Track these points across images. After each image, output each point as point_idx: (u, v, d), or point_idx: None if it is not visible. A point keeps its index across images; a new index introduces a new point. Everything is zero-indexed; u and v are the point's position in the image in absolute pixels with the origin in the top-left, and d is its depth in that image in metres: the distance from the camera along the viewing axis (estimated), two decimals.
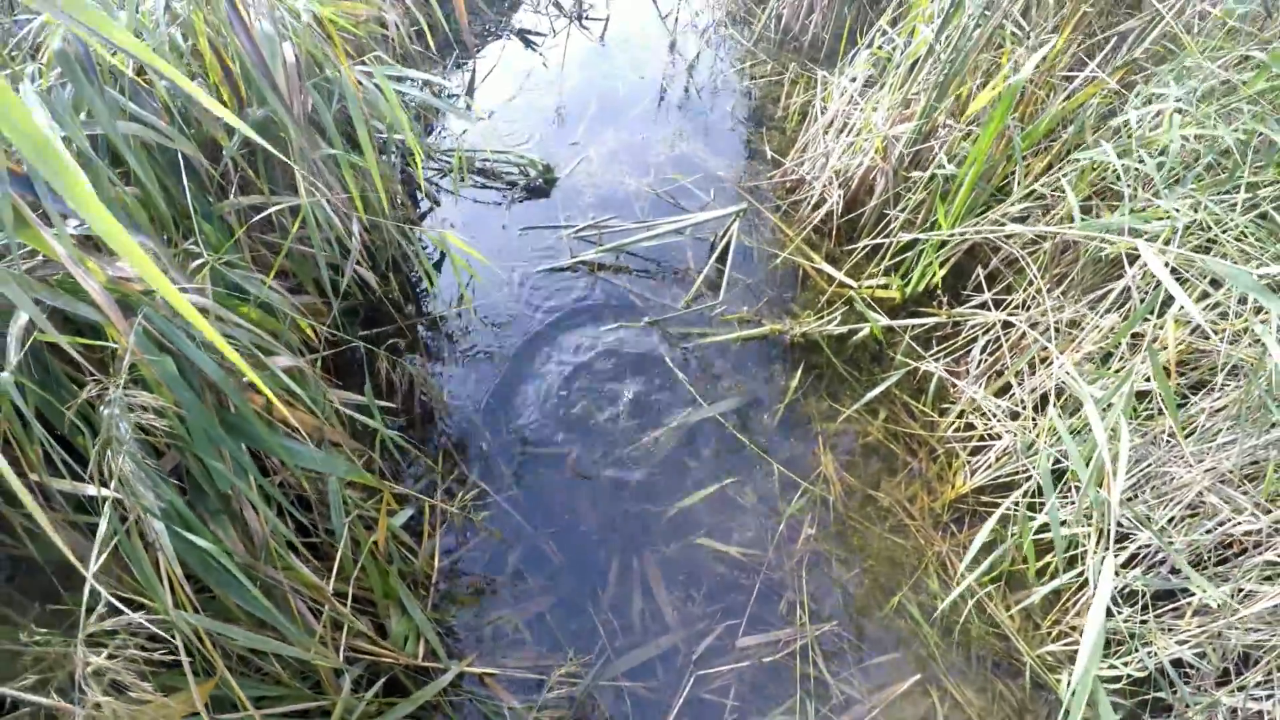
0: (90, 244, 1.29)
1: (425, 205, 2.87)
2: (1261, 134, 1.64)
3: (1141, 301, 1.80)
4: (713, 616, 1.87)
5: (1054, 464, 1.64)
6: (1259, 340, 1.58)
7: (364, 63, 2.11)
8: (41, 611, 1.24)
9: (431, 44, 3.08)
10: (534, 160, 2.92)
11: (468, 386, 2.33)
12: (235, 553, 1.41)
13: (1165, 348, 1.63)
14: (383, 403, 2.05)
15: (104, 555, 1.14)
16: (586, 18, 3.96)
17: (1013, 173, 2.20)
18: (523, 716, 1.73)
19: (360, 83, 1.99)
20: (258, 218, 1.80)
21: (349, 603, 1.59)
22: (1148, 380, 1.61)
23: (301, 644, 1.45)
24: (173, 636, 1.19)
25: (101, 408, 1.11)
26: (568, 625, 1.88)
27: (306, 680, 1.55)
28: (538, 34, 3.80)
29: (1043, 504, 1.76)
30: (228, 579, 1.34)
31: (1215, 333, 1.69)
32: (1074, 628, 1.64)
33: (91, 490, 1.15)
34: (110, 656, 1.15)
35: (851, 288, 2.48)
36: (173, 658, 1.20)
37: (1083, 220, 1.78)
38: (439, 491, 2.06)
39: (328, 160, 1.91)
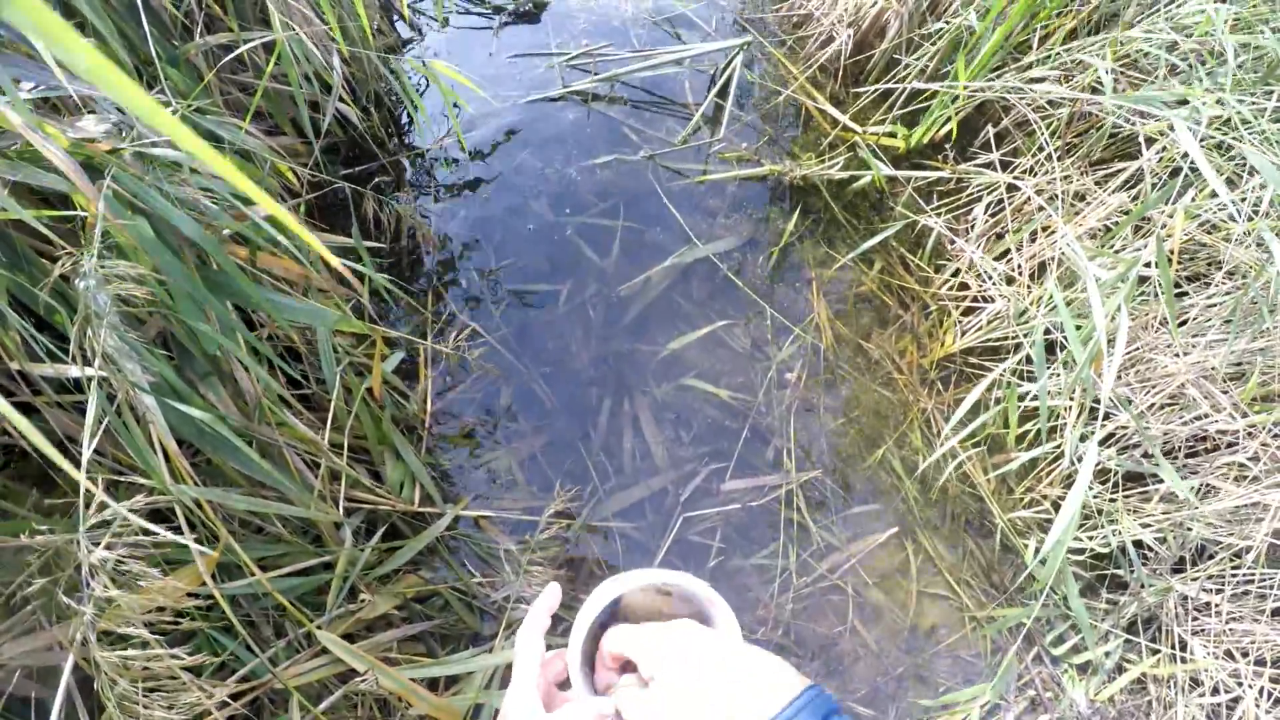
0: (48, 106, 1.15)
1: (407, 34, 2.58)
2: None
3: (1154, 187, 1.81)
4: (701, 459, 1.90)
5: (1044, 334, 1.69)
6: (1263, 244, 1.65)
7: None
8: (40, 499, 1.13)
9: None
10: None
11: (457, 223, 2.14)
12: (229, 415, 1.29)
13: (1171, 235, 1.65)
14: (370, 243, 1.93)
15: (95, 438, 1.01)
16: None
17: (1034, 31, 2.05)
18: (517, 557, 1.74)
19: None
20: (229, 58, 1.60)
21: (344, 453, 1.52)
22: (1147, 265, 1.65)
23: (301, 502, 1.40)
24: (173, 512, 1.11)
25: (77, 281, 0.93)
26: (560, 466, 1.87)
27: (307, 535, 1.49)
28: None
29: (1028, 372, 1.86)
30: (223, 443, 1.25)
31: (1218, 229, 1.74)
32: (1045, 496, 1.77)
33: (75, 371, 0.98)
34: (108, 547, 1.04)
35: (855, 132, 2.33)
36: (175, 538, 1.11)
37: (1114, 94, 1.71)
38: (430, 333, 1.93)
39: None
